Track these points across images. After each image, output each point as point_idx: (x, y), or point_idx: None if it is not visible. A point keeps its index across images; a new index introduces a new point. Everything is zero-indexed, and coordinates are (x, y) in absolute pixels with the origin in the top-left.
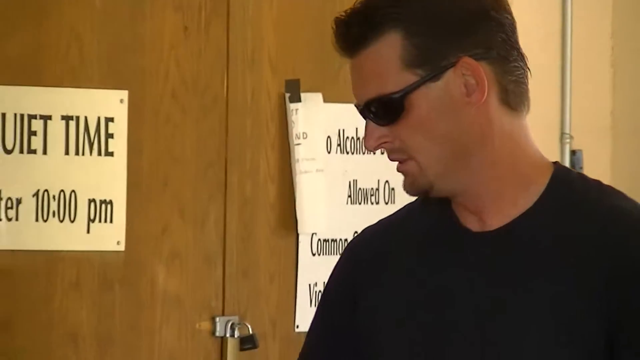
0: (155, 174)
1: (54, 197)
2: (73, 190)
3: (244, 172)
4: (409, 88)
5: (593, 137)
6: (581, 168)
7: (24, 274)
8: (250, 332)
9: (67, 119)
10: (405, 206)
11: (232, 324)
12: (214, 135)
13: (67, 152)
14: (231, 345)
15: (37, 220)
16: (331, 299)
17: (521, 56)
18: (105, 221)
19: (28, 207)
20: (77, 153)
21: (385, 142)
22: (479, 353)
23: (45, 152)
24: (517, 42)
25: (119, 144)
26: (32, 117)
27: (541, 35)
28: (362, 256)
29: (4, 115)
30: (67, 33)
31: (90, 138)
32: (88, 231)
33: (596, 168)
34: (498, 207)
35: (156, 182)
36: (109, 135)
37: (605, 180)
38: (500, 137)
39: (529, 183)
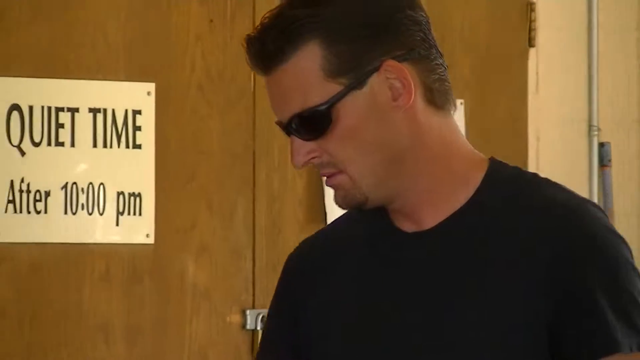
0: (182, 167)
1: (82, 189)
2: (102, 183)
3: (272, 167)
4: (334, 99)
5: (621, 129)
6: (609, 160)
7: (54, 267)
8: None
9: (94, 111)
10: (343, 214)
11: (263, 317)
12: (241, 128)
13: (94, 145)
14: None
15: (65, 213)
16: (273, 313)
17: (439, 53)
18: (134, 214)
19: (57, 200)
20: (105, 146)
21: (313, 158)
22: (424, 350)
23: (73, 145)
24: (434, 39)
25: (147, 137)
26: (59, 109)
27: (568, 29)
28: (300, 267)
29: (31, 107)
30: (94, 26)
31: (118, 130)
32: (117, 224)
33: (624, 160)
34: (433, 207)
35: (184, 175)
36: (137, 128)
37: (634, 172)
38: (430, 139)
39: (464, 180)
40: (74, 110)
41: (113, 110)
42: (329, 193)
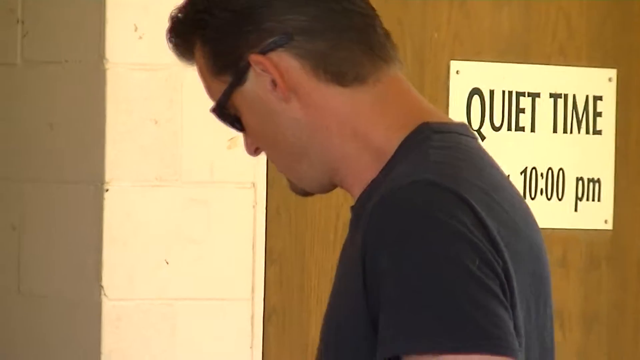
0: None
1: (541, 174)
2: (561, 168)
3: None
4: (224, 97)
5: None
6: None
7: None
8: None
9: (555, 96)
10: None
11: None
12: None
13: (554, 130)
14: None
15: (525, 197)
16: None
17: (348, 18)
18: (593, 200)
19: (516, 184)
20: (564, 131)
21: (258, 148)
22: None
23: (533, 130)
24: (336, 7)
25: (607, 123)
26: (520, 94)
27: None
28: None
29: (492, 92)
30: (555, 11)
31: (578, 116)
32: (576, 209)
33: None
34: (359, 186)
35: None
36: (597, 114)
37: None
38: (338, 121)
39: (382, 156)
40: (534, 96)
41: (574, 96)
42: None
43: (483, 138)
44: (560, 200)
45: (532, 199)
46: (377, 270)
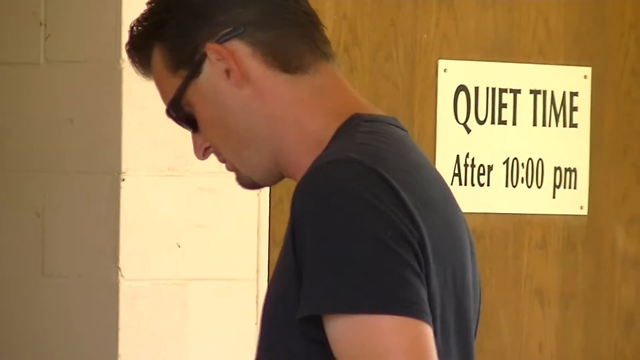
0: (615, 144)
1: (522, 164)
2: (540, 159)
3: None
4: (179, 93)
5: None
6: None
7: (495, 235)
8: None
9: (534, 92)
10: None
11: None
12: None
13: (534, 124)
14: None
15: (506, 186)
16: None
17: (293, 14)
18: (570, 187)
19: (499, 173)
20: (543, 124)
21: (208, 148)
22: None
23: (514, 123)
24: (282, 4)
25: (583, 117)
26: (503, 90)
27: None
28: None
29: (477, 88)
30: (535, 14)
31: (556, 111)
32: (554, 196)
33: None
34: (300, 171)
35: (616, 152)
36: (573, 109)
37: None
38: (280, 110)
39: (320, 143)
40: (516, 92)
41: (552, 92)
42: None
43: (469, 131)
44: (539, 187)
45: (514, 187)
46: (302, 243)
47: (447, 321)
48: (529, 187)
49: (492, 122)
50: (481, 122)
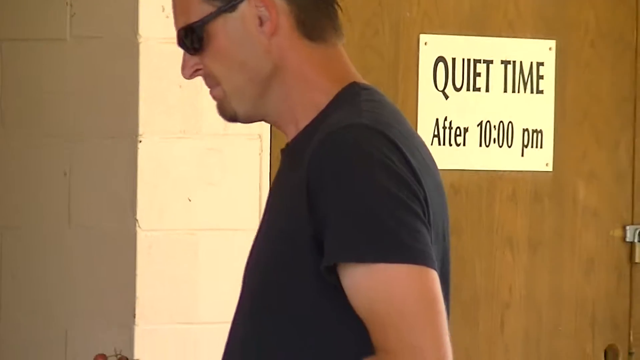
0: (576, 109)
1: (494, 126)
2: (510, 121)
3: None
4: (207, 18)
5: None
6: None
7: (470, 190)
8: None
9: (505, 63)
10: None
11: (639, 231)
12: (625, 78)
13: (505, 90)
14: (639, 249)
15: (480, 145)
16: None
17: None
18: (536, 147)
19: (473, 135)
20: (513, 91)
21: (197, 70)
22: (250, 263)
23: (487, 90)
24: None
25: (548, 84)
26: (477, 61)
27: None
28: None
29: (454, 59)
30: None
31: (524, 79)
32: (522, 155)
33: None
34: (294, 126)
35: (577, 116)
36: (540, 77)
37: None
38: (292, 67)
39: (319, 104)
40: (489, 62)
41: (521, 62)
42: None
43: (447, 97)
44: (509, 147)
45: (487, 146)
46: (320, 199)
47: (439, 269)
48: (500, 146)
49: (468, 89)
50: (458, 89)
